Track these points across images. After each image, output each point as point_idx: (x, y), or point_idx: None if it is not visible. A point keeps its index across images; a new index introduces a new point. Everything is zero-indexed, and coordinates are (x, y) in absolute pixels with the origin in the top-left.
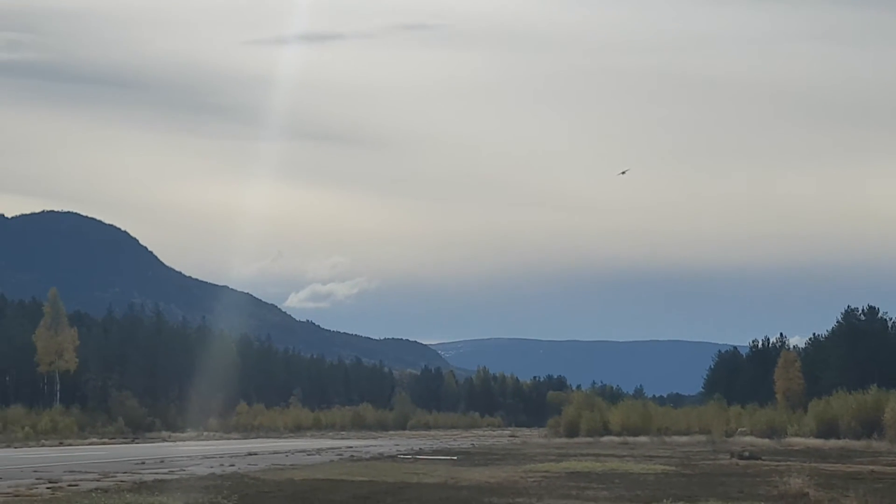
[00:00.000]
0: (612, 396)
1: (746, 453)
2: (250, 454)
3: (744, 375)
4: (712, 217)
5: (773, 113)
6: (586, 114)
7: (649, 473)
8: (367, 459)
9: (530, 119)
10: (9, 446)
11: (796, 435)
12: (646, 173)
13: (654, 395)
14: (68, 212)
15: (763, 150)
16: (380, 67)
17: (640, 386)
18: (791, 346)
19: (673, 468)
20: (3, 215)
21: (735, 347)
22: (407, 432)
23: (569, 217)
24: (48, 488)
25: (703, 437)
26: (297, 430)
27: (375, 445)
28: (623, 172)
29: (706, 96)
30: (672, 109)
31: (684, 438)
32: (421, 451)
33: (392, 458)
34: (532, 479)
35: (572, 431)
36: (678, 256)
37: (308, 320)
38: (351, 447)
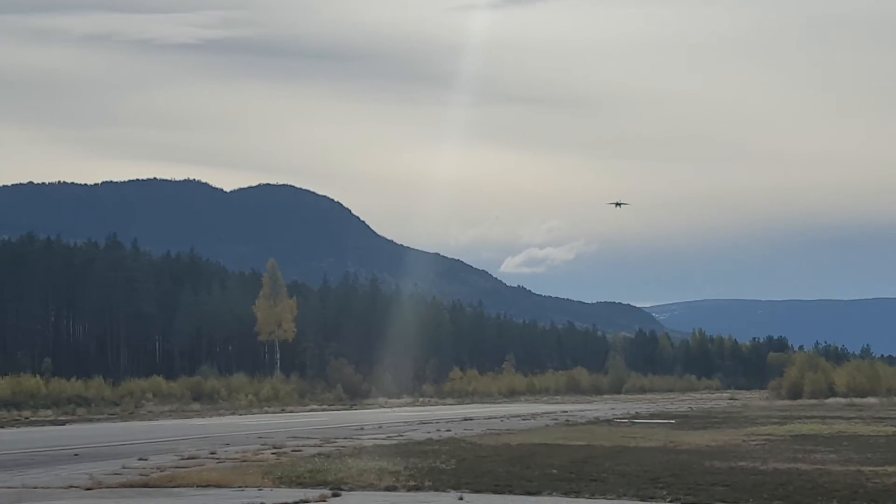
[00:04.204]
0: (837, 357)
1: None
2: (466, 419)
3: None
4: None
5: None
6: (801, 65)
7: (879, 436)
8: (582, 424)
9: (740, 73)
10: (234, 413)
11: None
12: (872, 124)
13: (882, 355)
14: (284, 184)
15: None
16: (586, 26)
17: (867, 345)
18: None
19: None
20: (221, 190)
21: None
22: (622, 396)
23: (789, 173)
24: (273, 454)
25: None
26: (511, 394)
27: (590, 409)
28: (618, 205)
29: None
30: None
31: None
32: (637, 415)
33: (608, 422)
34: (754, 443)
35: (795, 393)
36: None
37: (519, 285)
38: (566, 411)
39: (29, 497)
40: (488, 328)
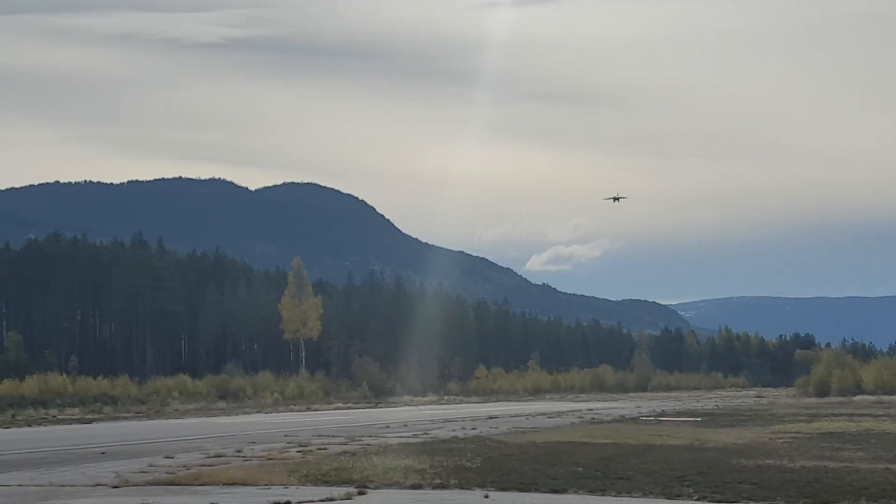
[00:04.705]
0: (865, 354)
1: None
2: (491, 417)
3: None
4: None
5: None
6: (830, 61)
7: None
8: (608, 422)
9: (768, 69)
10: (260, 411)
11: None
12: None
13: None
14: (308, 183)
15: None
16: (609, 22)
17: (895, 343)
18: None
19: None
20: (246, 188)
21: None
22: (648, 394)
23: (814, 169)
24: (299, 451)
25: None
26: (536, 392)
27: (616, 407)
28: (616, 199)
29: None
30: None
31: None
32: (664, 413)
33: (634, 420)
34: (781, 440)
35: (822, 391)
36: None
37: (544, 283)
38: (591, 409)
39: (56, 495)
40: (513, 326)
